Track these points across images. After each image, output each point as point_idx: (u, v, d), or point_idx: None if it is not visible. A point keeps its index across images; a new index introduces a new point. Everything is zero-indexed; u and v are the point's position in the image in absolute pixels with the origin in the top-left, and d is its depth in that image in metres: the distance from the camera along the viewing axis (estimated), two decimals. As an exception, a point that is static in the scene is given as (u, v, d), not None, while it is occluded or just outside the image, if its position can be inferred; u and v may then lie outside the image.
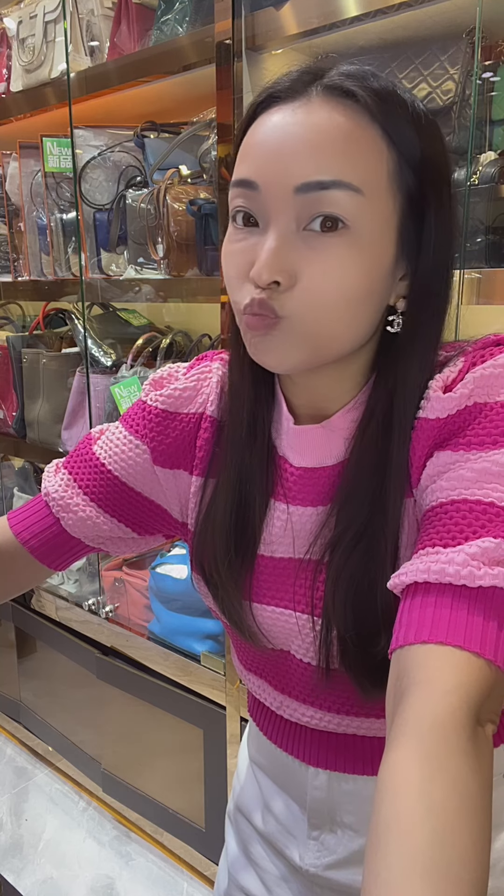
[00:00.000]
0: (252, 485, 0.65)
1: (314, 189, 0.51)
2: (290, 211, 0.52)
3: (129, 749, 1.84)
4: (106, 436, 0.74)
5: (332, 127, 0.51)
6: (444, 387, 0.56)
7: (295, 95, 0.53)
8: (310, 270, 0.53)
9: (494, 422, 0.53)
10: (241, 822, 0.85)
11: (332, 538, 0.60)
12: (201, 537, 0.68)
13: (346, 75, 0.53)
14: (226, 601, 0.68)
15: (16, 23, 1.76)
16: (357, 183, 0.51)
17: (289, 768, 0.74)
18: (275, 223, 0.53)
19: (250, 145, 0.54)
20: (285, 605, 0.66)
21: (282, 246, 0.52)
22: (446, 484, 0.53)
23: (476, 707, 0.44)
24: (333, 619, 0.60)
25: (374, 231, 0.53)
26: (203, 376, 0.70)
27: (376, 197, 0.53)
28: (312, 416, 0.64)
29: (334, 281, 0.53)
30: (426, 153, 0.54)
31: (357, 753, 0.69)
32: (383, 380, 0.60)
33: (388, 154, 0.53)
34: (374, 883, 0.38)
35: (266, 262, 0.52)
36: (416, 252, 0.56)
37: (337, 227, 0.52)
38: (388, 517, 0.58)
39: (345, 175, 0.51)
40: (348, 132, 0.52)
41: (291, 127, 0.52)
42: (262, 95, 0.55)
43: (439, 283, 0.57)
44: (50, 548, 0.73)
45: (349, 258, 0.53)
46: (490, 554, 0.48)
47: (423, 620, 0.48)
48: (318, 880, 0.74)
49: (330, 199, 0.51)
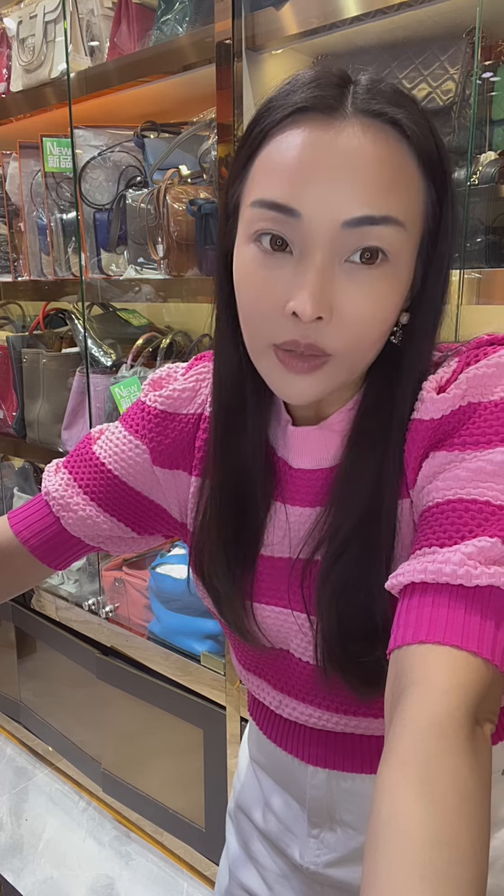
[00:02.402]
0: (253, 486, 0.65)
1: (364, 224, 0.50)
2: (333, 244, 0.50)
3: (129, 749, 1.84)
4: (106, 435, 0.74)
5: (379, 159, 0.50)
6: (437, 387, 0.56)
7: (328, 112, 0.50)
8: (350, 303, 0.51)
9: (489, 421, 0.53)
10: (241, 820, 0.85)
11: (325, 537, 0.61)
12: (201, 537, 0.68)
13: (381, 96, 0.51)
14: (225, 601, 0.68)
15: (16, 23, 1.76)
16: (402, 218, 0.51)
17: (288, 767, 0.74)
18: (316, 255, 0.51)
19: (281, 165, 0.51)
20: (283, 604, 0.66)
21: (325, 279, 0.51)
22: (442, 484, 0.53)
23: (474, 706, 0.44)
24: (324, 618, 0.61)
25: (408, 260, 0.53)
26: (202, 377, 0.70)
27: (413, 228, 0.53)
28: (309, 417, 0.64)
29: (375, 314, 0.52)
30: (445, 169, 0.54)
31: (356, 752, 0.69)
32: (378, 382, 0.60)
33: (422, 184, 0.53)
34: (374, 883, 0.38)
35: (311, 297, 0.50)
36: (428, 265, 0.56)
37: (377, 259, 0.51)
38: (383, 518, 0.58)
39: (392, 210, 0.50)
40: (394, 165, 0.51)
41: (336, 153, 0.50)
42: (288, 109, 0.51)
43: (439, 290, 0.57)
44: (50, 547, 0.74)
45: (388, 289, 0.52)
46: (486, 553, 0.48)
47: (420, 620, 0.48)
48: (319, 878, 0.74)
49: (377, 234, 0.50)
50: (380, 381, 0.60)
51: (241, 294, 0.55)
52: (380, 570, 0.58)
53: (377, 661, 0.57)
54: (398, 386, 0.58)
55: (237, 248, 0.56)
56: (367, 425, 0.60)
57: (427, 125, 0.53)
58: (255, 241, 0.53)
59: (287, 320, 0.52)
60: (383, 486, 0.58)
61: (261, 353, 0.56)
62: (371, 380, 0.61)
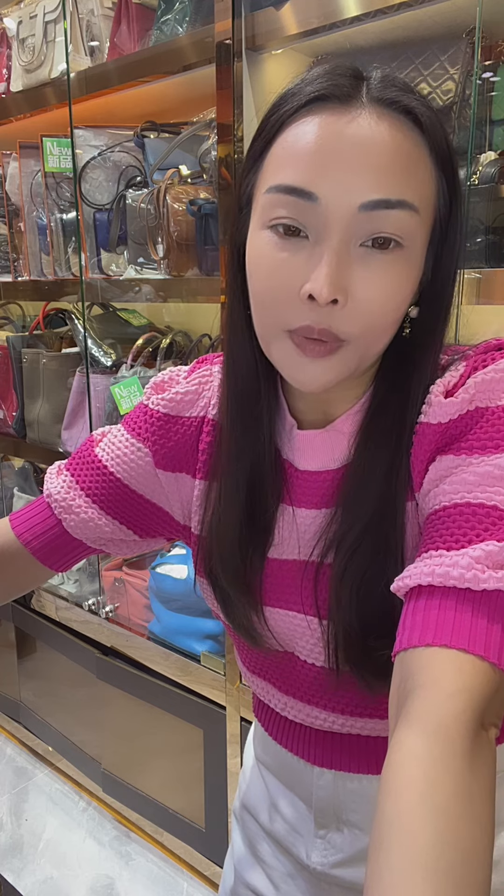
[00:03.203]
0: (262, 489, 0.65)
1: (380, 207, 0.50)
2: (349, 227, 0.51)
3: (129, 749, 1.84)
4: (108, 438, 0.74)
5: (395, 145, 0.51)
6: (445, 391, 0.57)
7: (345, 100, 0.51)
8: (364, 288, 0.52)
9: (496, 426, 0.53)
10: (247, 821, 0.85)
11: (336, 539, 0.61)
12: (209, 541, 0.68)
13: (394, 87, 0.52)
14: (233, 604, 0.68)
15: (16, 23, 1.75)
16: (416, 203, 0.52)
17: (294, 768, 0.75)
18: (332, 238, 0.51)
19: (299, 150, 0.52)
20: (290, 606, 0.66)
21: (341, 262, 0.51)
22: (449, 488, 0.53)
23: (480, 710, 0.44)
24: (339, 619, 0.61)
25: (421, 247, 0.54)
26: (204, 380, 0.70)
27: (426, 215, 0.53)
28: (315, 420, 0.64)
29: (389, 300, 0.53)
30: (455, 164, 0.55)
31: (361, 753, 0.69)
32: (386, 384, 0.60)
33: (434, 172, 0.53)
34: (377, 883, 0.38)
35: (328, 279, 0.50)
36: (438, 259, 0.57)
37: (391, 245, 0.52)
38: (391, 519, 0.58)
39: (407, 195, 0.51)
40: (409, 152, 0.51)
41: (352, 139, 0.50)
42: (305, 98, 0.52)
43: (449, 283, 0.58)
44: (51, 549, 0.74)
45: (402, 276, 0.53)
46: (494, 557, 0.48)
47: (427, 623, 0.48)
48: (325, 877, 0.74)
49: (392, 219, 0.51)
50: (388, 382, 0.60)
51: (255, 279, 0.56)
52: (395, 566, 0.58)
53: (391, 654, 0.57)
54: (407, 386, 0.58)
55: (251, 236, 0.56)
56: (376, 426, 0.60)
57: (437, 117, 0.54)
58: (271, 229, 0.54)
59: (302, 304, 0.52)
60: (392, 486, 0.58)
61: (274, 338, 0.56)
62: (379, 382, 0.61)
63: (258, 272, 0.55)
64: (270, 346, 0.57)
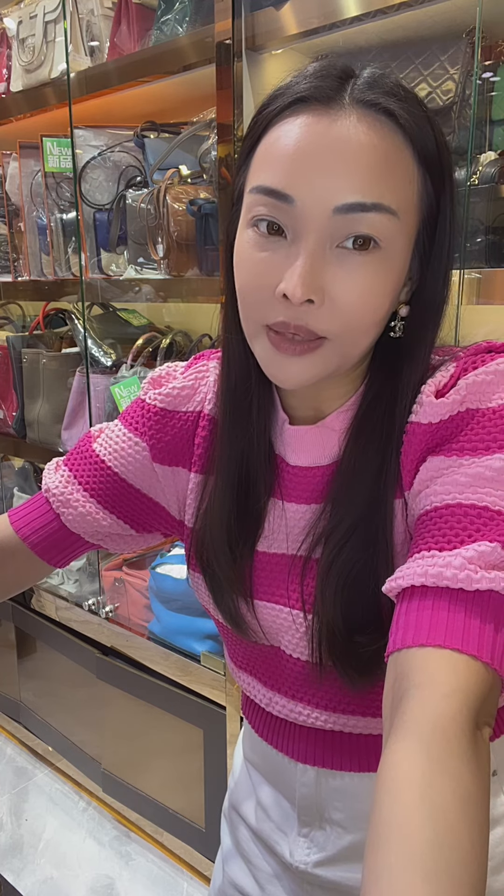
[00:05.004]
0: (254, 482, 0.66)
1: (355, 210, 0.51)
2: (325, 229, 0.51)
3: (129, 749, 1.84)
4: (105, 433, 0.74)
5: (373, 147, 0.51)
6: (436, 392, 0.57)
7: (327, 102, 0.52)
8: (341, 288, 0.52)
9: (487, 428, 0.54)
10: (235, 819, 0.85)
11: (324, 535, 0.61)
12: (202, 533, 0.69)
13: (379, 88, 0.52)
14: (224, 596, 0.69)
15: (16, 23, 1.76)
16: (394, 206, 0.52)
17: (278, 765, 0.75)
18: (308, 239, 0.52)
19: (279, 152, 0.52)
20: (277, 600, 0.66)
21: (315, 263, 0.52)
22: (440, 488, 0.53)
23: (475, 710, 0.44)
24: (324, 614, 0.61)
25: (402, 250, 0.54)
26: (201, 375, 0.71)
27: (407, 217, 0.53)
28: (307, 416, 0.64)
29: (367, 300, 0.53)
30: (444, 164, 0.55)
31: (344, 750, 0.69)
32: (377, 382, 0.61)
33: (417, 174, 0.53)
34: (375, 884, 0.38)
35: (301, 279, 0.51)
36: (426, 261, 0.57)
37: (369, 246, 0.52)
38: (379, 517, 0.59)
39: (384, 198, 0.51)
40: (387, 154, 0.51)
41: (330, 142, 0.51)
42: (288, 98, 0.53)
43: (440, 286, 0.58)
44: (50, 544, 0.74)
45: (380, 276, 0.53)
46: (486, 558, 0.49)
47: (420, 623, 0.48)
48: (308, 877, 0.74)
49: (368, 221, 0.51)
50: (379, 381, 0.61)
51: (238, 276, 0.57)
52: (382, 563, 0.58)
53: (376, 650, 0.57)
54: (398, 385, 0.58)
55: (238, 233, 0.57)
56: (367, 424, 0.60)
57: (425, 117, 0.54)
58: (253, 226, 0.55)
59: (278, 302, 0.53)
60: (381, 484, 0.59)
61: (255, 334, 0.57)
62: (371, 379, 0.61)
63: (241, 269, 0.56)
64: (253, 342, 0.58)
